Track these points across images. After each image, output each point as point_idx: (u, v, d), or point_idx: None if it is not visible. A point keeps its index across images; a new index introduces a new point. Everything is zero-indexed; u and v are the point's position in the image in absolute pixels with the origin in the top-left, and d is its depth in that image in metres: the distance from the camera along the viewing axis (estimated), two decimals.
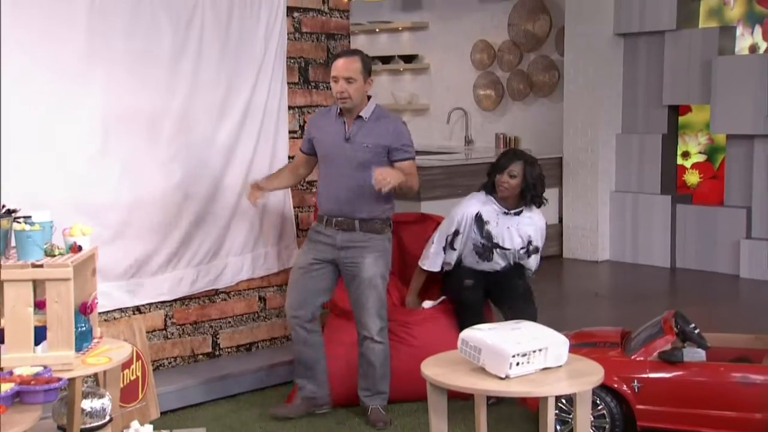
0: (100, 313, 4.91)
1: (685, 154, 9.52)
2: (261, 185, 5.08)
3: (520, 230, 5.24)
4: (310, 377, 5.00)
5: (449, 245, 5.27)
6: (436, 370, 3.50)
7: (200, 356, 5.52)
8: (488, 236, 5.21)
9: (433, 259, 5.30)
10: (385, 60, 12.00)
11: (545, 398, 3.35)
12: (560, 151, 9.69)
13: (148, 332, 5.15)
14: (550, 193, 9.42)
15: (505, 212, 5.21)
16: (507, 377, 3.36)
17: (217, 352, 5.59)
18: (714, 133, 8.99)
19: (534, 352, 3.43)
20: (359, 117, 4.81)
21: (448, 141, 11.30)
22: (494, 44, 10.81)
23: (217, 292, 5.55)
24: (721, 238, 8.75)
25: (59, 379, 3.26)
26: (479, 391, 3.38)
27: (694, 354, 4.48)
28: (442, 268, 5.32)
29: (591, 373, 3.52)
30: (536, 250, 5.31)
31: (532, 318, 5.19)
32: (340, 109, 4.83)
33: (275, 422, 4.89)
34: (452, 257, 5.29)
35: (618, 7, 9.22)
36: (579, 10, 9.38)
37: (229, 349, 5.66)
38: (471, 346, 3.48)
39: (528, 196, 5.17)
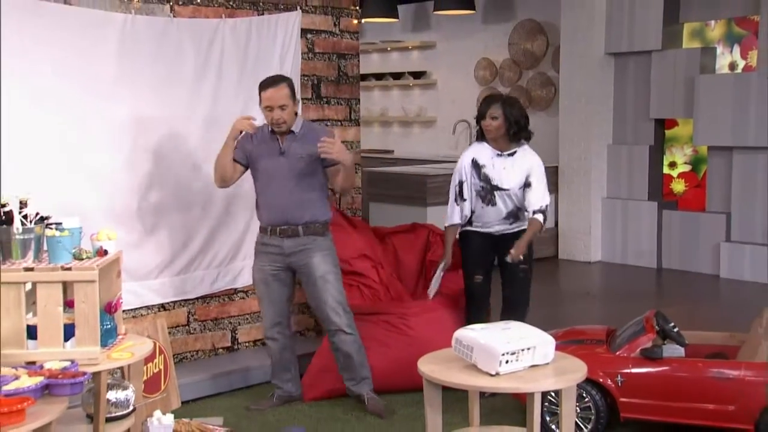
0: (128, 310, 4.95)
1: (672, 165, 9.47)
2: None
3: (515, 170, 5.07)
4: (288, 379, 4.99)
5: (459, 196, 5.17)
6: (432, 366, 3.47)
7: (220, 350, 5.50)
8: (486, 179, 5.09)
9: (450, 215, 5.22)
10: (396, 76, 11.98)
11: (532, 393, 3.30)
12: (556, 160, 9.64)
13: (172, 328, 5.16)
14: None
15: (498, 154, 5.09)
16: (497, 374, 3.34)
17: (235, 347, 5.57)
18: (696, 144, 8.94)
19: (522, 350, 3.40)
20: (291, 132, 4.75)
21: (453, 150, 11.22)
22: (496, 62, 10.77)
23: (235, 291, 5.54)
24: (703, 241, 8.69)
25: (84, 374, 3.26)
26: (471, 387, 3.36)
27: (673, 350, 4.45)
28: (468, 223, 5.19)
29: (575, 370, 3.49)
30: (529, 185, 5.04)
31: (522, 304, 5.20)
32: (272, 127, 4.74)
33: (287, 412, 4.87)
34: (465, 207, 5.16)
35: (609, 28, 9.19)
36: (573, 31, 9.36)
37: (247, 344, 5.64)
38: (464, 345, 3.45)
39: (512, 132, 5.05)
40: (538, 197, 5.05)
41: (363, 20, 10.51)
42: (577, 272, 9.15)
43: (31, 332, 3.53)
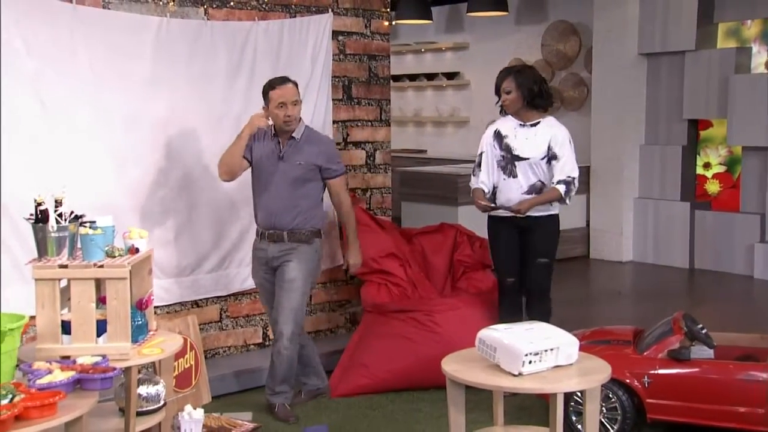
0: (162, 306, 4.99)
1: (707, 165, 9.33)
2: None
3: (537, 140, 4.95)
4: (311, 373, 4.98)
5: (477, 167, 5.11)
6: (455, 366, 3.45)
7: (251, 346, 5.53)
8: (507, 148, 4.98)
9: (473, 182, 5.17)
10: (430, 77, 11.95)
11: (555, 394, 3.26)
12: (588, 160, 9.54)
13: (204, 324, 5.19)
14: (577, 200, 9.48)
15: (521, 125, 4.99)
16: (520, 374, 3.31)
17: (266, 343, 5.59)
18: (730, 144, 8.81)
19: (546, 351, 3.37)
20: (292, 137, 4.70)
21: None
22: (528, 62, 10.66)
23: None
24: (737, 241, 8.55)
25: (114, 369, 3.28)
26: (494, 387, 3.33)
27: (702, 352, 4.38)
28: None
29: (599, 371, 3.44)
30: (554, 156, 4.91)
31: (542, 299, 5.10)
32: (274, 130, 4.69)
33: (315, 408, 4.88)
34: (480, 176, 5.06)
35: (642, 29, 9.07)
36: (606, 32, 9.26)
37: None
38: (487, 345, 3.42)
39: (527, 102, 4.94)
40: (563, 168, 4.92)
41: (397, 22, 10.53)
42: (609, 272, 9.05)
43: (66, 327, 3.56)
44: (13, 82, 4.47)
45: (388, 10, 6.06)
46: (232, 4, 5.27)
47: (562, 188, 4.90)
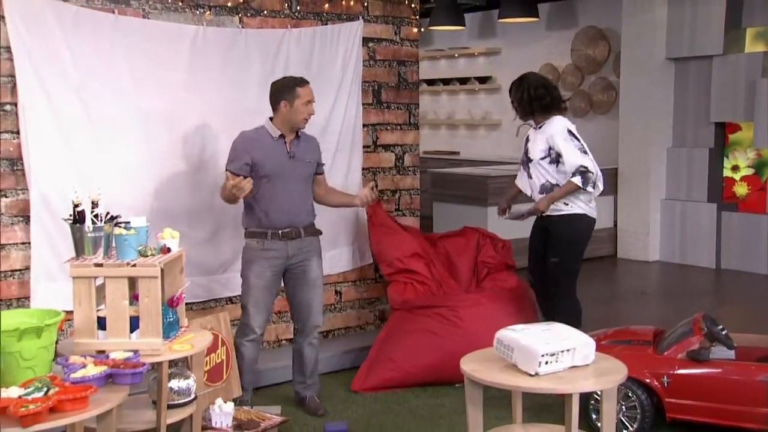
0: (197, 302, 5.00)
1: (735, 168, 9.14)
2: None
3: (539, 141, 5.06)
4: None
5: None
6: (474, 366, 3.40)
7: (283, 341, 5.52)
8: (525, 151, 5.16)
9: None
10: (463, 81, 11.88)
11: (570, 395, 3.20)
12: (616, 162, 9.43)
13: (238, 320, 5.17)
14: (605, 200, 9.35)
15: (534, 128, 5.14)
16: (536, 374, 3.25)
17: None
18: (757, 147, 8.61)
19: (562, 352, 3.31)
20: (297, 137, 4.64)
21: (517, 152, 11.04)
22: (559, 67, 10.58)
23: None
24: (763, 242, 8.38)
25: (143, 364, 3.29)
26: (511, 387, 3.28)
27: (722, 353, 4.29)
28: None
29: (616, 372, 3.38)
30: (559, 155, 4.94)
31: (557, 298, 5.12)
32: (279, 131, 4.57)
33: (343, 401, 4.86)
34: (518, 175, 5.32)
35: (670, 34, 8.92)
36: (634, 37, 9.13)
37: None
38: (505, 345, 3.37)
39: (532, 108, 5.05)
40: (571, 160, 4.92)
41: (431, 28, 10.48)
42: (635, 271, 8.92)
43: (101, 323, 3.58)
44: (60, 91, 4.54)
45: (417, 17, 6.01)
46: (265, 12, 5.27)
47: (577, 179, 4.90)
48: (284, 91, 4.52)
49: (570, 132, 5.00)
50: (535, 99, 5.03)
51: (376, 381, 5.04)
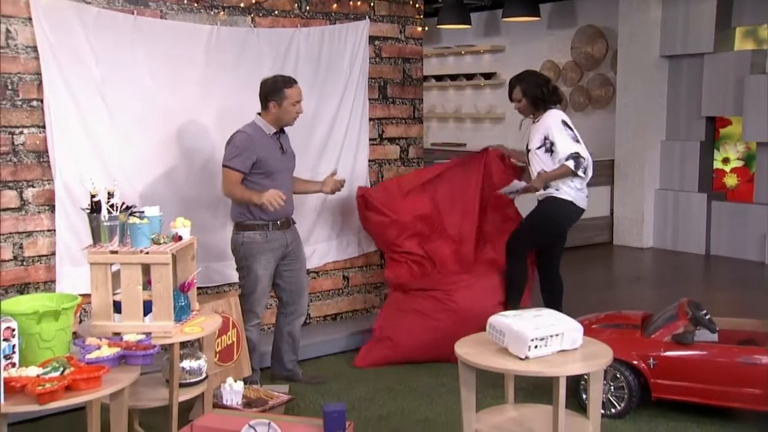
0: (213, 287, 4.97)
1: (726, 160, 9.01)
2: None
3: (536, 132, 5.01)
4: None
5: None
6: (467, 349, 3.34)
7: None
8: (527, 143, 5.13)
9: None
10: (469, 77, 11.77)
11: (557, 377, 3.14)
12: (612, 154, 9.33)
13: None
14: (602, 190, 9.25)
15: (533, 122, 5.10)
16: (527, 358, 3.19)
17: (307, 321, 5.53)
18: (745, 140, 8.50)
19: (551, 336, 3.23)
20: (283, 132, 4.57)
21: (520, 144, 10.97)
22: (559, 64, 10.46)
23: (308, 271, 5.49)
24: (750, 230, 8.28)
25: (154, 346, 3.26)
26: (502, 370, 3.21)
27: (706, 336, 4.23)
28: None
29: (602, 356, 3.30)
30: (553, 144, 4.87)
31: (508, 249, 5.09)
32: (274, 129, 4.50)
33: (348, 380, 4.82)
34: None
35: (664, 33, 8.81)
36: (630, 36, 9.02)
37: (318, 319, 5.62)
38: (497, 330, 3.31)
39: (537, 104, 5.00)
40: (563, 148, 4.88)
41: (439, 27, 10.38)
42: (631, 257, 8.83)
43: (118, 307, 3.56)
44: (83, 87, 4.51)
45: (421, 17, 5.93)
46: (276, 13, 5.21)
47: (570, 163, 4.87)
48: (273, 91, 4.45)
49: (564, 122, 4.96)
50: (544, 97, 4.99)
51: (376, 358, 5.05)
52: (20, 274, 4.46)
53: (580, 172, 4.88)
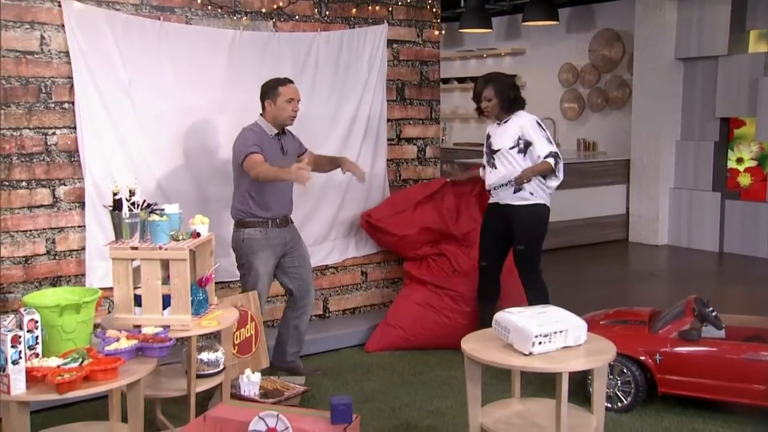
0: (235, 281, 4.93)
1: (740, 160, 8.80)
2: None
3: (508, 131, 4.79)
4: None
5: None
6: (473, 345, 3.27)
7: (313, 317, 5.43)
8: (489, 146, 4.91)
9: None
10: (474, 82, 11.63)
11: (560, 373, 3.06)
12: (628, 154, 9.16)
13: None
14: (618, 189, 9.09)
15: (498, 124, 4.89)
16: (530, 354, 3.11)
17: (326, 315, 5.51)
18: (759, 140, 8.29)
19: (555, 333, 3.15)
20: (284, 133, 4.48)
21: None
22: (577, 66, 10.29)
23: (327, 267, 5.46)
24: (762, 228, 8.08)
25: (170, 339, 3.23)
26: (506, 366, 3.13)
27: (714, 332, 4.10)
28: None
29: (605, 352, 3.21)
30: (528, 143, 4.72)
31: (525, 281, 4.85)
32: (275, 129, 4.42)
33: (363, 372, 4.77)
34: (482, 172, 5.10)
35: (679, 36, 8.62)
36: (646, 39, 8.82)
37: (337, 313, 5.57)
38: (502, 326, 3.23)
39: (506, 106, 4.79)
40: (542, 147, 4.71)
41: (461, 31, 10.26)
42: (645, 254, 8.66)
43: (138, 301, 3.54)
44: (112, 90, 4.51)
45: (439, 21, 5.84)
46: (297, 17, 5.16)
47: (551, 160, 4.70)
48: (268, 90, 4.39)
49: (539, 123, 4.83)
50: (514, 100, 4.83)
51: (386, 343, 5.09)
52: (53, 267, 4.47)
53: (558, 172, 4.73)
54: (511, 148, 4.77)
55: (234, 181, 4.47)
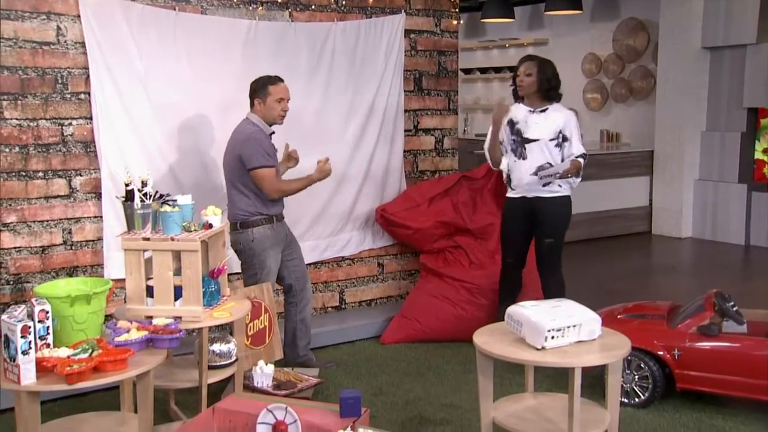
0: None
1: (766, 151, 8.64)
2: None
3: (547, 122, 4.61)
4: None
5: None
6: (485, 339, 3.22)
7: (329, 309, 5.43)
8: (518, 133, 4.66)
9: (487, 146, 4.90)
10: (513, 69, 11.50)
11: (573, 368, 3.00)
12: (652, 145, 9.02)
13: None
14: (642, 180, 8.96)
15: (531, 111, 4.66)
16: (543, 348, 3.06)
17: (342, 306, 5.49)
18: None
19: (568, 327, 3.10)
20: (272, 132, 4.39)
21: None
22: (601, 56, 10.14)
23: (343, 258, 5.44)
24: None
25: (180, 330, 3.22)
26: (519, 360, 3.08)
27: (735, 327, 4.01)
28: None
29: (619, 347, 3.15)
30: (566, 138, 4.59)
31: (549, 276, 4.72)
32: (270, 129, 4.35)
33: (379, 364, 4.74)
34: (503, 162, 4.79)
35: (705, 24, 8.44)
36: (672, 27, 8.66)
37: (353, 304, 5.54)
38: (515, 320, 3.19)
39: (544, 90, 4.61)
40: (578, 146, 4.62)
41: (483, 20, 10.16)
42: (668, 247, 8.53)
43: (150, 291, 3.54)
44: (127, 80, 4.51)
45: (457, 10, 5.77)
46: (313, 7, 5.12)
47: (582, 161, 4.59)
48: (258, 89, 4.31)
49: (577, 122, 4.73)
50: (554, 87, 4.69)
51: (402, 336, 5.08)
52: (69, 257, 4.49)
53: (580, 176, 4.65)
54: (551, 140, 4.61)
55: (229, 181, 4.32)
